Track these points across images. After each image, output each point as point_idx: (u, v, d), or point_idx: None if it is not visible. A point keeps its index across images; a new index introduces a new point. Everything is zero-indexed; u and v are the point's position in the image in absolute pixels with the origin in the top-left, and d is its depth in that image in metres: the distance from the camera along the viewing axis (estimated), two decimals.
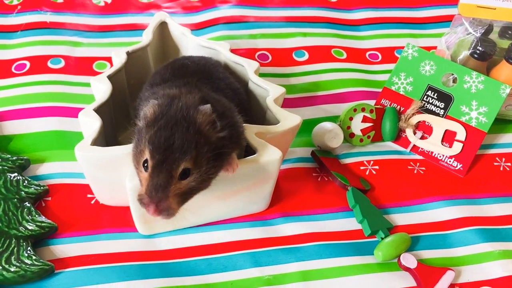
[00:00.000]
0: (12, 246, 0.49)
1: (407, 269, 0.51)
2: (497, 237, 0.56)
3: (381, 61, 0.77)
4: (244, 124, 0.50)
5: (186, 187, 0.43)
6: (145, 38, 0.62)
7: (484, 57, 0.66)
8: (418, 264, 0.51)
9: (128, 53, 0.59)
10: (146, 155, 0.42)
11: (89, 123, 0.51)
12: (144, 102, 0.49)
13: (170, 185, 0.42)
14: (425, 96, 0.65)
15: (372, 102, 0.68)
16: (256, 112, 0.59)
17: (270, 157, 0.50)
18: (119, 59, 0.59)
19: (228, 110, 0.48)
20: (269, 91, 0.57)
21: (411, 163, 0.63)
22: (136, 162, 0.44)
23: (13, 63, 0.70)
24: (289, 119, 0.54)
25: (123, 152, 0.48)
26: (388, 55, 0.78)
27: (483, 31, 0.67)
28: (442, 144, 0.63)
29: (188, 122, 0.42)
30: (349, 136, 0.64)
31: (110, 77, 0.56)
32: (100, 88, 0.55)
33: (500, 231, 0.56)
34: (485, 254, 0.54)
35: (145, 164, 0.43)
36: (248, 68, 0.59)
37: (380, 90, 0.69)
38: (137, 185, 0.47)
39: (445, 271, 0.51)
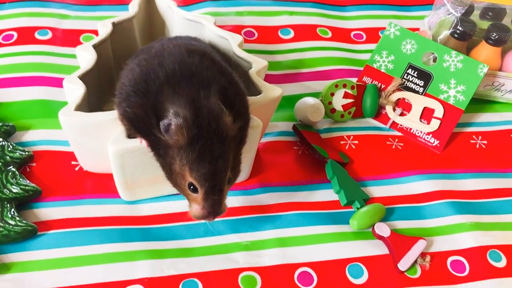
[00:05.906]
0: None
1: (380, 237, 0.53)
2: (470, 210, 0.57)
3: (365, 41, 0.79)
4: None
5: (230, 185, 0.47)
6: (131, 10, 0.63)
7: (464, 37, 0.67)
8: (391, 233, 0.53)
9: (113, 24, 0.60)
10: (190, 179, 0.43)
11: (74, 90, 0.52)
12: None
13: (223, 198, 0.45)
14: (406, 74, 0.66)
15: (354, 80, 0.69)
16: None
17: (251, 126, 0.51)
18: (104, 29, 0.59)
19: (239, 91, 0.49)
20: (252, 64, 0.58)
21: (390, 139, 0.65)
22: (173, 182, 0.45)
23: (1, 33, 0.71)
24: (270, 91, 0.55)
25: (107, 118, 0.49)
26: (373, 35, 0.80)
27: (463, 11, 0.68)
28: (421, 121, 0.65)
29: (221, 136, 0.43)
30: (330, 112, 0.65)
31: (95, 46, 0.57)
32: (85, 57, 0.56)
33: (473, 204, 0.58)
34: (457, 225, 0.55)
35: (191, 187, 0.44)
36: (231, 41, 0.60)
37: (363, 68, 0.70)
38: (120, 149, 0.48)
39: (417, 240, 0.53)
